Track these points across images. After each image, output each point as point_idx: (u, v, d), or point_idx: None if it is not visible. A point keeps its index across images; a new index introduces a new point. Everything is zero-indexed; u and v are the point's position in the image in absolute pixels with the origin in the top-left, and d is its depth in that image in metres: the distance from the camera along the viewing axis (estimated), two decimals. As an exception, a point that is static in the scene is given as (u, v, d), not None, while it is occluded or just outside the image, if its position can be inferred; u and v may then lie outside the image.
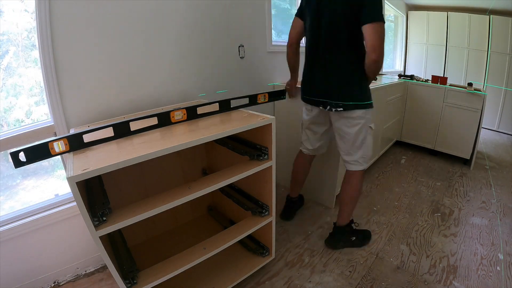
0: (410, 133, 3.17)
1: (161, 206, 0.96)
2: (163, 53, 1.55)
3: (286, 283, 1.43)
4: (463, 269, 1.50)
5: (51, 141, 0.86)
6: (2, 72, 1.24)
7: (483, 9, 3.93)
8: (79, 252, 1.45)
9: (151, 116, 1.11)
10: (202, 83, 1.76)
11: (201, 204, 1.81)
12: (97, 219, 0.85)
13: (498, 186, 2.42)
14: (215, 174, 1.19)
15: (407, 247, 1.67)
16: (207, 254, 1.15)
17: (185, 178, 1.64)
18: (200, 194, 1.06)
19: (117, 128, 1.02)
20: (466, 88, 2.64)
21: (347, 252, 1.63)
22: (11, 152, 0.80)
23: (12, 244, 1.26)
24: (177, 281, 1.21)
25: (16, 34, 1.24)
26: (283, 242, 1.73)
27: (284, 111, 2.19)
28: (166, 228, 1.65)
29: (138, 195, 1.43)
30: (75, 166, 0.80)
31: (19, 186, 1.40)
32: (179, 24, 1.58)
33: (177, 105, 1.54)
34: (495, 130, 4.12)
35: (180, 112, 1.17)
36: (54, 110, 1.26)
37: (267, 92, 1.38)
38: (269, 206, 1.38)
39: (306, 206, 2.08)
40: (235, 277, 1.35)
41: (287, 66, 1.76)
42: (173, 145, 0.93)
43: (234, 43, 1.91)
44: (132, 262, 1.01)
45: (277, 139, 2.28)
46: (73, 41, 1.24)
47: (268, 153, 1.27)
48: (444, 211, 2.04)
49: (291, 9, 2.57)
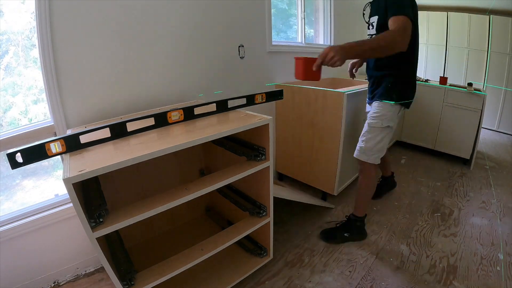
0: (410, 133, 3.16)
1: (159, 207, 0.96)
2: (163, 54, 1.55)
3: (286, 283, 1.43)
4: (463, 269, 1.49)
5: (47, 142, 0.86)
6: (2, 72, 1.25)
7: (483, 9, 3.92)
8: (79, 252, 1.45)
9: (148, 116, 1.11)
10: (201, 83, 1.76)
11: (199, 205, 1.81)
12: (94, 220, 0.85)
13: (498, 186, 2.41)
14: (212, 174, 1.18)
15: (407, 247, 1.67)
16: (205, 255, 1.15)
17: (183, 179, 1.64)
18: (198, 195, 1.06)
19: (113, 128, 1.02)
20: (466, 88, 2.64)
21: (347, 252, 1.63)
22: (7, 153, 0.80)
23: (12, 244, 1.26)
24: (175, 283, 1.21)
25: (16, 34, 1.25)
26: (283, 242, 1.72)
27: (285, 111, 2.19)
28: (163, 229, 1.65)
29: (135, 196, 1.43)
30: (72, 167, 0.80)
31: (19, 186, 1.40)
32: (178, 24, 1.58)
33: (175, 105, 1.54)
34: (495, 130, 4.11)
35: (177, 113, 1.17)
36: (54, 110, 1.26)
37: (265, 92, 1.38)
38: (266, 206, 1.38)
39: (306, 206, 2.07)
40: (233, 278, 1.35)
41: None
42: (170, 145, 0.93)
43: (234, 43, 1.91)
44: (130, 264, 1.01)
45: (278, 139, 2.31)
46: (73, 41, 1.24)
47: (266, 153, 1.27)
48: (444, 211, 2.03)
49: (289, 10, 2.57)
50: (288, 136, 2.23)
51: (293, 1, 2.52)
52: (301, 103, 2.04)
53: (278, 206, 2.07)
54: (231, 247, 1.30)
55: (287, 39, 2.57)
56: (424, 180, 2.53)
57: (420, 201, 2.18)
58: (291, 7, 2.56)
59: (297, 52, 2.43)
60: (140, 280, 1.00)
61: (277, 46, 2.20)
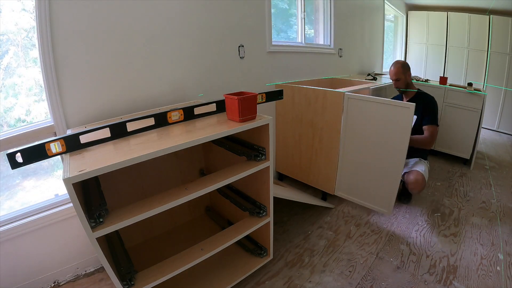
0: (410, 133, 3.16)
1: (159, 207, 0.96)
2: (163, 54, 1.55)
3: (286, 283, 1.42)
4: (463, 269, 1.49)
5: (47, 142, 0.86)
6: (2, 72, 1.25)
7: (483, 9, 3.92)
8: (79, 252, 1.46)
9: (148, 116, 1.11)
10: (201, 83, 1.76)
11: (199, 205, 1.81)
12: (94, 220, 0.85)
13: (498, 186, 2.41)
14: (212, 174, 1.18)
15: (407, 247, 1.67)
16: (205, 255, 1.15)
17: (183, 178, 1.64)
18: (198, 195, 1.06)
19: (114, 128, 1.02)
20: (466, 88, 2.64)
21: (347, 252, 1.63)
22: (8, 153, 0.80)
23: (12, 244, 1.26)
24: (175, 282, 1.21)
25: (16, 34, 1.25)
26: (283, 242, 1.72)
27: (285, 111, 2.19)
28: (163, 229, 1.65)
29: (135, 196, 1.43)
30: (72, 167, 0.80)
31: (19, 186, 1.40)
32: (178, 24, 1.58)
33: (174, 105, 1.54)
34: (495, 130, 4.11)
35: (177, 113, 1.17)
36: (54, 110, 1.26)
37: (265, 92, 1.38)
38: (266, 206, 1.38)
39: (306, 206, 2.07)
40: (233, 278, 1.35)
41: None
42: (170, 145, 0.93)
43: (234, 43, 1.91)
44: (130, 263, 1.01)
45: (278, 138, 2.31)
46: (73, 41, 1.24)
47: (266, 153, 1.27)
48: (444, 211, 2.03)
49: (290, 9, 2.57)
50: (288, 136, 2.23)
51: (293, 1, 2.52)
52: (301, 103, 2.04)
53: (278, 206, 2.07)
54: (231, 247, 1.30)
55: (287, 39, 2.57)
56: (424, 180, 2.53)
57: (420, 201, 2.18)
58: (291, 6, 2.56)
59: (297, 52, 2.43)
60: (140, 280, 1.00)
61: (277, 46, 2.20)
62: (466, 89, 2.63)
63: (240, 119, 1.15)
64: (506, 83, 3.90)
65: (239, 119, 1.14)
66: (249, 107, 1.16)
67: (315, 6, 2.79)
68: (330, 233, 1.80)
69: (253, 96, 1.17)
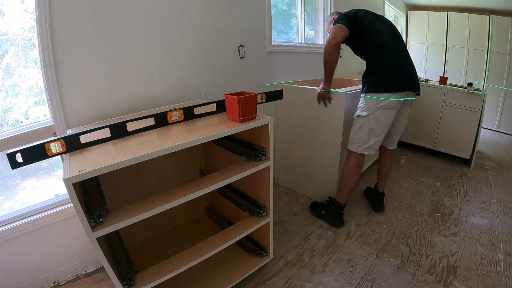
0: (410, 133, 3.16)
1: (159, 207, 0.96)
2: (163, 54, 1.55)
3: (286, 283, 1.42)
4: (463, 269, 1.49)
5: (47, 142, 0.86)
6: (2, 72, 1.25)
7: (483, 9, 3.92)
8: (79, 252, 1.45)
9: (148, 116, 1.11)
10: (201, 83, 1.76)
11: (199, 205, 1.81)
12: (94, 220, 0.85)
13: (498, 186, 2.41)
14: (212, 174, 1.18)
15: (407, 247, 1.67)
16: (205, 255, 1.15)
17: (183, 179, 1.64)
18: (198, 195, 1.05)
19: (114, 128, 1.02)
20: (466, 88, 2.64)
21: (347, 252, 1.63)
22: (8, 153, 0.80)
23: (12, 244, 1.26)
24: (175, 282, 1.21)
25: (16, 34, 1.25)
26: (283, 242, 1.72)
27: (284, 111, 2.19)
28: (163, 229, 1.65)
29: (135, 196, 1.43)
30: (72, 167, 0.80)
31: (19, 186, 1.40)
32: (178, 25, 1.58)
33: (175, 105, 1.54)
34: (495, 130, 4.11)
35: (177, 113, 1.17)
36: (54, 110, 1.26)
37: (265, 92, 1.38)
38: (266, 206, 1.38)
39: (306, 206, 2.07)
40: (233, 278, 1.35)
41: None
42: (170, 145, 0.93)
43: (234, 43, 1.91)
44: (130, 263, 1.01)
45: (277, 139, 2.31)
46: (73, 41, 1.24)
47: (266, 153, 1.27)
48: (444, 211, 2.03)
49: (289, 10, 2.57)
50: (288, 136, 2.23)
51: (293, 2, 2.52)
52: (301, 103, 2.04)
53: (278, 206, 2.07)
54: (231, 247, 1.30)
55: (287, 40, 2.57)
56: (424, 180, 2.53)
57: (420, 201, 2.18)
58: (291, 7, 2.56)
59: (297, 52, 2.43)
60: (140, 280, 1.00)
61: (277, 46, 2.20)
62: (466, 89, 2.63)
63: (240, 119, 1.15)
64: (506, 83, 3.91)
65: (239, 119, 1.14)
66: (249, 107, 1.16)
67: (315, 6, 2.79)
68: (330, 233, 1.80)
69: (253, 96, 1.17)
